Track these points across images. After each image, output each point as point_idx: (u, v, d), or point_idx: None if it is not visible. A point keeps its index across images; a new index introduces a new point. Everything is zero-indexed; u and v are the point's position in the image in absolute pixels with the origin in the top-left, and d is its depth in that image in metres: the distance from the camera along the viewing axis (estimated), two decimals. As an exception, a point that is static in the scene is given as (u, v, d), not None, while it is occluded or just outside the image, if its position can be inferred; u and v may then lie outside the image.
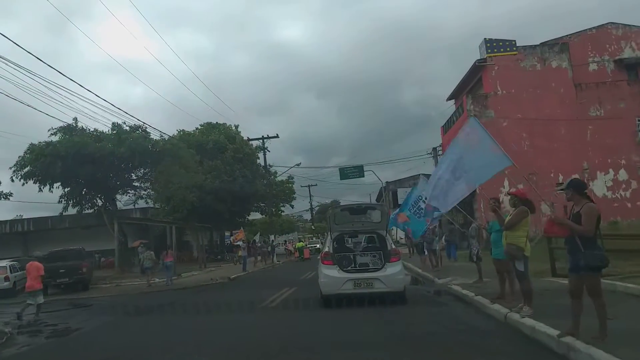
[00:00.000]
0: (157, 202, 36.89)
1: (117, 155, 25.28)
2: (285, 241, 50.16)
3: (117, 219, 26.37)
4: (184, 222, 34.91)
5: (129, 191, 30.33)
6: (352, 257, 10.09)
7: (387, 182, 50.62)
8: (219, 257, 37.97)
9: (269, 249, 34.20)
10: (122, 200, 37.90)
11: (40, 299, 11.89)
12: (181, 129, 38.10)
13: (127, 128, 26.92)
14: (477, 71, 25.54)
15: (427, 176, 35.82)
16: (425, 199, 11.56)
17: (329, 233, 10.74)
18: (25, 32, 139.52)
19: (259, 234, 38.29)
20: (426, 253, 16.90)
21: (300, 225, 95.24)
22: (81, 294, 18.75)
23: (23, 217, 42.51)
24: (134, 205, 40.92)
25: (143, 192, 30.84)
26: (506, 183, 21.52)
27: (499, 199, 9.62)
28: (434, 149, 32.02)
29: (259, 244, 37.11)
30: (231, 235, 55.26)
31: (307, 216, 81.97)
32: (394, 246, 10.40)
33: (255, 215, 50.97)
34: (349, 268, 9.69)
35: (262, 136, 35.80)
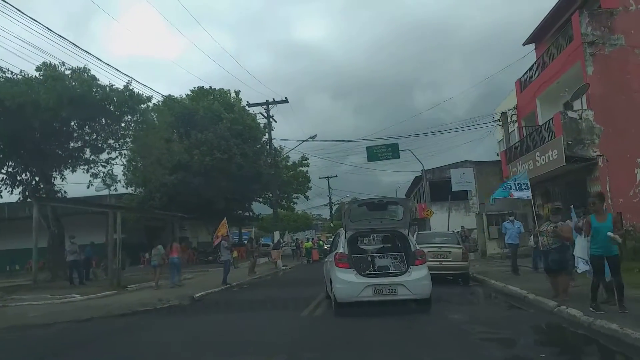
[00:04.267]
0: (129, 184, 28.73)
1: (43, 106, 17.00)
2: (291, 239, 39.92)
3: (38, 201, 17.94)
4: (151, 210, 26.44)
5: (80, 166, 21.94)
6: (370, 259, 9.26)
7: (422, 170, 41.39)
8: (210, 258, 29.49)
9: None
10: (94, 184, 30.33)
11: None
12: (168, 94, 29.72)
13: (68, 72, 18.63)
14: (594, -25, 16.30)
15: (474, 163, 26.44)
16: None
17: (344, 231, 9.29)
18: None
19: (253, 229, 29.39)
20: (579, 266, 7.75)
21: (319, 224, 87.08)
22: None
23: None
24: (109, 191, 33.29)
25: (101, 168, 22.40)
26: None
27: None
28: (504, 114, 22.85)
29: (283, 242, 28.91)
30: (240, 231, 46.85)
31: (326, 213, 73.08)
32: (418, 247, 9.02)
33: (265, 210, 42.49)
34: (368, 272, 8.71)
35: (267, 100, 27.12)
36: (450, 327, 7.34)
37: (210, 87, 30.92)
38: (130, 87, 19.51)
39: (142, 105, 20.12)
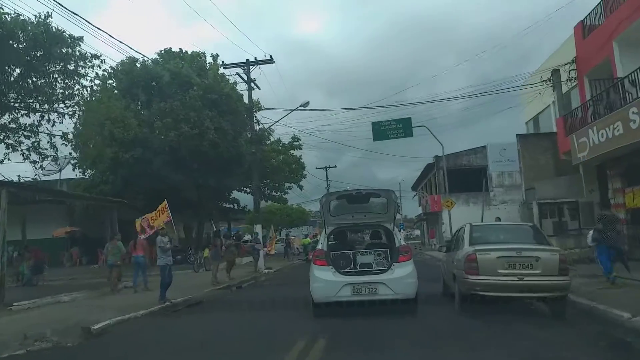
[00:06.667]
0: (79, 165, 23.18)
1: None
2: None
3: None
4: (66, 193, 20.84)
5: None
6: (351, 256, 8.51)
7: (435, 156, 35.78)
8: (178, 257, 23.93)
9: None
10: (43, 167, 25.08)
11: None
12: (129, 56, 24.10)
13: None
14: None
15: (518, 136, 19.40)
16: None
17: (324, 227, 8.97)
18: None
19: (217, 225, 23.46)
20: None
21: (317, 220, 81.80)
22: None
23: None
24: (60, 175, 27.79)
25: (24, 137, 16.79)
26: None
27: None
28: (555, 71, 17.26)
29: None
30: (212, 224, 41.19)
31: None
32: (403, 242, 8.45)
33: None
34: (347, 270, 8.11)
35: (247, 60, 21.42)
36: None
37: (181, 49, 25.30)
38: (48, 22, 13.98)
39: (66, 50, 14.54)
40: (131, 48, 26.02)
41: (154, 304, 10.46)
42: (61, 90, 15.87)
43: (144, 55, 22.74)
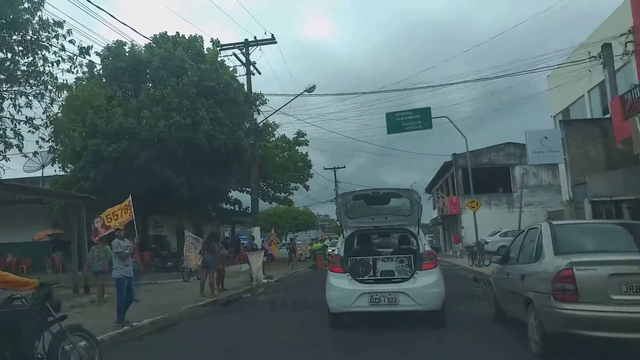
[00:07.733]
0: (59, 159, 20.89)
1: None
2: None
3: None
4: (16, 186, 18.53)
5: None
6: (371, 262, 7.80)
7: (454, 154, 33.09)
8: (169, 263, 21.53)
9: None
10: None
11: None
12: (116, 40, 21.76)
13: None
14: None
15: (563, 122, 15.84)
16: None
17: (341, 230, 8.35)
18: None
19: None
20: None
21: (325, 225, 79.24)
22: None
23: None
24: (42, 172, 25.58)
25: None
26: None
27: None
28: (606, 45, 14.58)
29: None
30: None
31: (332, 211, 64.47)
32: (428, 248, 7.64)
33: (260, 204, 33.64)
34: (366, 277, 7.51)
35: (246, 40, 18.95)
36: None
37: (178, 32, 22.90)
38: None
39: (24, 15, 12.19)
40: (125, 24, 23.73)
41: (108, 328, 7.99)
42: (24, 68, 13.56)
43: (139, 33, 20.35)
